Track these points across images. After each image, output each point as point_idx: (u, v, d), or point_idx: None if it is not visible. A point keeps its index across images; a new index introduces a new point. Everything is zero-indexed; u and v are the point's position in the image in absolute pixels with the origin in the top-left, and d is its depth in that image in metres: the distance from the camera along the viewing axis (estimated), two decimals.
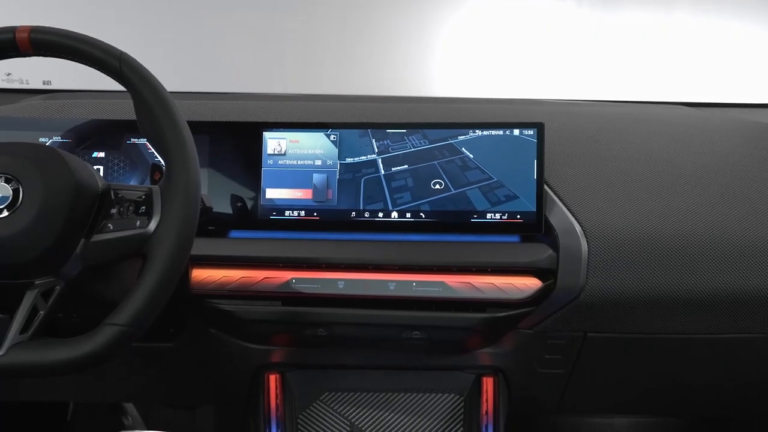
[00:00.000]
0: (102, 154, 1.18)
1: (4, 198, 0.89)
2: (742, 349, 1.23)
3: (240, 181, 1.16)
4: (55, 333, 0.92)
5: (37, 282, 0.90)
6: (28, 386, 1.37)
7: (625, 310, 1.15)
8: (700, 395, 1.38)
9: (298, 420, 1.26)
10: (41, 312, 0.90)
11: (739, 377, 1.31)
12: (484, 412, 1.22)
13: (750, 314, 1.16)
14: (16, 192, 0.89)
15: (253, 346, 1.24)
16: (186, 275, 1.13)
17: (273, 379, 1.25)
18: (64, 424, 1.81)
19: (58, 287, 0.91)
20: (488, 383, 1.25)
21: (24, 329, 0.89)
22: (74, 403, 1.83)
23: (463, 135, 1.15)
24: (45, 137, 1.17)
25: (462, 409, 1.28)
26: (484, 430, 1.21)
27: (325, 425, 1.27)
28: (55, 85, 1.47)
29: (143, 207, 0.93)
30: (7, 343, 0.88)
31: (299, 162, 1.17)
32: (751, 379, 1.31)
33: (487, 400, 1.24)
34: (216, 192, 1.16)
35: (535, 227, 1.13)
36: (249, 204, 1.16)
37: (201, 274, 1.14)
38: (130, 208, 0.93)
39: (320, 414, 1.27)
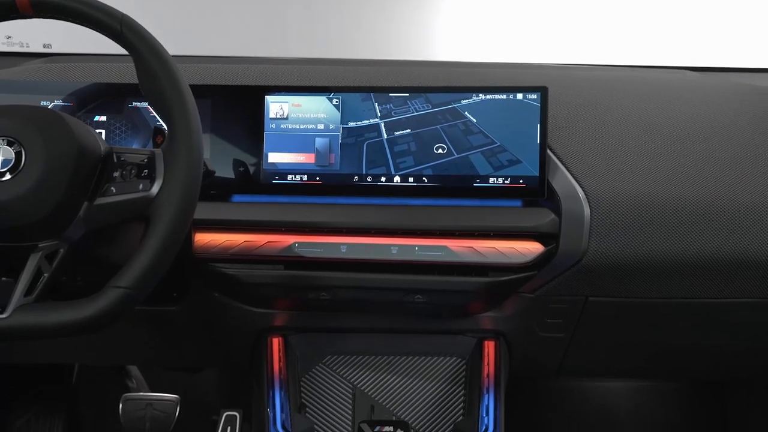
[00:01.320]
0: (104, 118, 1.17)
1: (7, 161, 0.89)
2: (741, 312, 1.24)
3: (242, 145, 1.16)
4: (59, 297, 0.92)
5: (40, 245, 0.91)
6: (32, 349, 1.39)
7: (627, 275, 1.15)
8: (700, 359, 1.39)
9: (301, 382, 1.28)
10: (45, 274, 0.91)
11: (738, 341, 1.32)
12: (485, 375, 1.24)
13: (749, 278, 1.17)
14: (18, 155, 0.89)
15: (256, 309, 1.25)
16: (189, 239, 1.14)
17: (276, 342, 1.26)
18: (69, 386, 1.83)
19: (62, 250, 0.92)
20: (490, 347, 1.26)
21: (28, 291, 0.90)
22: (79, 366, 1.85)
23: (466, 99, 1.15)
24: (46, 101, 1.17)
25: (463, 372, 1.29)
26: (485, 392, 1.22)
27: (327, 388, 1.28)
28: (55, 49, 1.45)
29: (146, 170, 0.93)
30: (12, 305, 0.89)
31: (301, 126, 1.16)
32: (749, 342, 1.32)
33: (488, 364, 1.25)
34: (218, 156, 1.16)
35: (537, 192, 1.13)
36: (251, 168, 1.16)
37: (204, 238, 1.14)
38: (133, 171, 0.93)
39: (323, 377, 1.29)
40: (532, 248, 1.13)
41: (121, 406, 1.61)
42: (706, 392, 1.85)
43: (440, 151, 1.15)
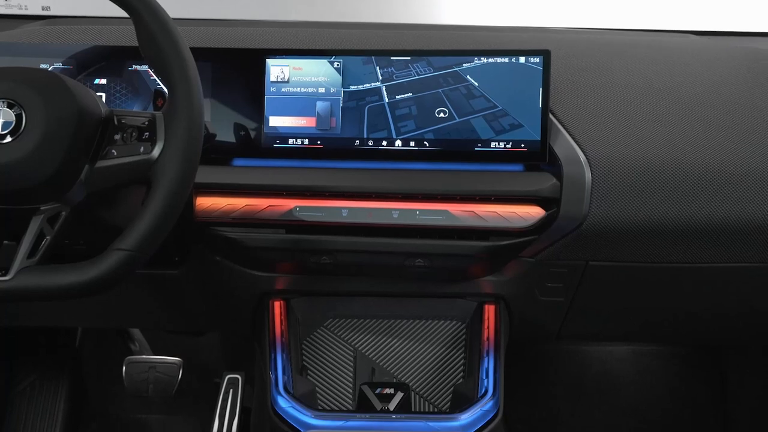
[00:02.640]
0: (104, 81, 1.17)
1: (7, 123, 0.89)
2: (741, 277, 1.24)
3: (243, 108, 1.16)
4: (62, 261, 0.93)
5: (42, 208, 0.91)
6: (35, 312, 1.40)
7: (627, 239, 1.15)
8: (699, 324, 1.40)
9: (303, 345, 1.29)
10: (48, 237, 0.92)
11: (737, 305, 1.33)
12: (485, 339, 1.24)
13: (750, 243, 1.17)
14: (18, 117, 0.89)
15: (258, 273, 1.25)
16: (190, 203, 1.14)
17: (277, 306, 1.27)
18: (73, 350, 1.85)
19: (63, 213, 0.92)
20: (490, 311, 1.27)
21: (31, 254, 0.91)
22: (82, 329, 1.87)
23: (468, 63, 1.14)
24: (46, 63, 1.16)
25: (464, 336, 1.30)
26: (485, 355, 1.23)
27: (329, 350, 1.29)
28: (54, 11, 1.44)
29: (147, 133, 0.93)
30: (15, 268, 0.89)
31: (302, 90, 1.16)
32: (748, 307, 1.33)
33: (488, 327, 1.26)
34: (219, 120, 1.15)
35: (539, 156, 1.13)
36: (252, 132, 1.16)
37: (205, 202, 1.14)
38: (134, 134, 0.93)
39: (324, 340, 1.30)
40: (533, 212, 1.13)
41: (124, 368, 1.63)
42: (704, 356, 1.86)
43: (442, 115, 1.14)
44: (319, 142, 1.15)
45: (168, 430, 1.84)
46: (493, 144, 1.14)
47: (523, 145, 1.13)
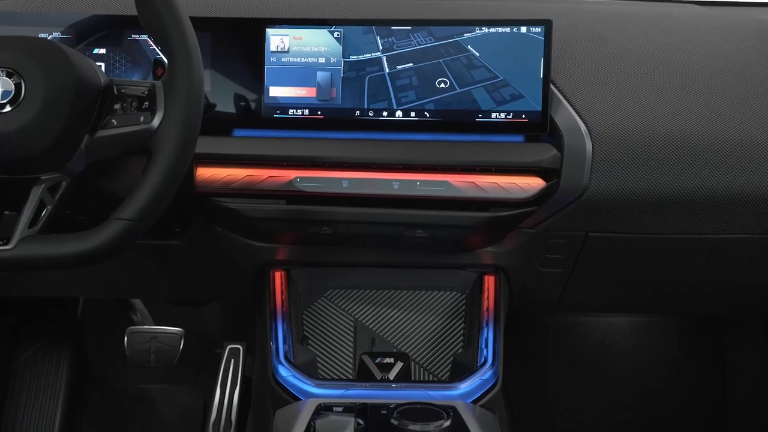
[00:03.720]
0: (103, 51, 1.16)
1: (7, 92, 0.89)
2: (741, 249, 1.24)
3: (243, 79, 1.15)
4: (63, 231, 0.93)
5: (43, 177, 0.92)
6: (37, 282, 1.40)
7: (627, 210, 1.16)
8: (698, 295, 1.41)
9: (303, 315, 1.29)
10: (48, 207, 0.92)
11: (737, 276, 1.33)
12: (485, 309, 1.25)
13: (751, 214, 1.17)
14: (18, 86, 0.89)
15: (258, 243, 1.25)
16: (190, 174, 1.14)
17: (278, 276, 1.27)
18: (75, 320, 1.86)
19: (64, 183, 0.92)
20: (489, 281, 1.27)
21: (32, 224, 0.91)
22: (84, 300, 1.88)
23: (469, 32, 1.13)
24: (45, 33, 1.15)
25: (463, 306, 1.30)
26: (484, 326, 1.24)
27: (329, 321, 1.30)
28: None
29: (146, 102, 0.92)
30: (16, 237, 0.90)
31: (303, 60, 1.15)
32: (748, 278, 1.33)
33: (488, 298, 1.26)
34: (219, 90, 1.15)
35: (539, 127, 1.13)
36: (252, 103, 1.15)
37: (205, 173, 1.14)
38: (133, 103, 0.93)
39: (325, 310, 1.30)
40: (533, 183, 1.13)
41: (126, 338, 1.64)
42: (703, 328, 1.87)
43: (442, 85, 1.14)
44: (319, 113, 1.15)
45: (170, 400, 1.85)
46: (493, 114, 1.13)
47: (523, 116, 1.13)
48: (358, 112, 1.14)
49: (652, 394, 1.83)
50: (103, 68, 1.15)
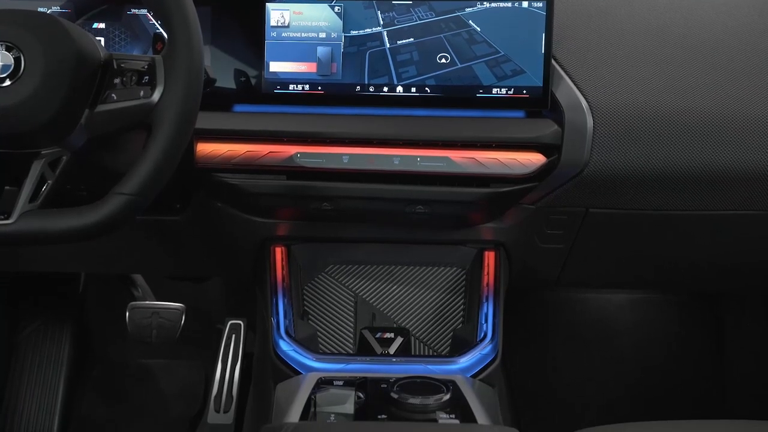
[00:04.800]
0: (102, 25, 1.16)
1: (6, 66, 0.89)
2: (740, 225, 1.24)
3: (243, 54, 1.15)
4: (63, 206, 0.93)
5: (43, 152, 0.92)
6: (38, 257, 1.41)
7: (628, 186, 1.16)
8: (697, 271, 1.41)
9: (304, 291, 1.30)
10: (49, 182, 0.92)
11: (736, 253, 1.33)
12: (485, 285, 1.25)
13: (751, 190, 1.17)
14: (17, 60, 0.89)
15: (259, 219, 1.26)
16: (191, 149, 1.14)
17: (279, 252, 1.28)
18: (76, 295, 1.87)
19: (64, 157, 0.92)
20: (490, 257, 1.28)
21: (33, 198, 0.91)
22: (85, 275, 1.88)
23: (470, 7, 1.13)
24: (44, 7, 1.15)
25: (463, 282, 1.31)
26: (484, 301, 1.24)
27: (329, 296, 1.30)
28: None
29: (146, 77, 0.92)
30: (17, 211, 0.90)
31: (303, 35, 1.15)
32: (747, 254, 1.33)
33: (488, 273, 1.27)
34: (219, 65, 1.14)
35: (540, 102, 1.13)
36: (252, 78, 1.15)
37: (206, 148, 1.14)
38: (133, 78, 0.93)
39: (325, 285, 1.31)
40: (534, 159, 1.13)
41: (127, 314, 1.65)
42: (702, 304, 1.88)
43: (443, 60, 1.13)
44: (319, 88, 1.14)
45: (171, 375, 1.87)
46: (494, 90, 1.13)
47: (524, 92, 1.13)
48: (358, 87, 1.14)
49: (652, 370, 1.84)
50: (102, 43, 1.14)
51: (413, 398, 1.02)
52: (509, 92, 1.13)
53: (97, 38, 1.13)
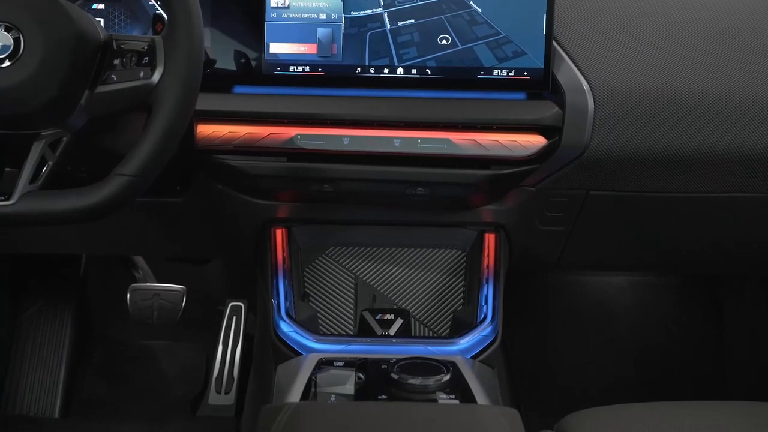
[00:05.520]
0: (102, 6, 1.15)
1: (5, 47, 0.88)
2: (741, 207, 1.25)
3: (243, 35, 1.14)
4: (64, 188, 0.93)
5: (43, 133, 0.91)
6: (39, 239, 1.41)
7: (628, 168, 1.15)
8: (698, 254, 1.41)
9: (305, 272, 1.30)
10: (49, 163, 0.92)
11: (736, 235, 1.34)
12: (485, 267, 1.26)
13: (752, 173, 1.17)
14: (17, 41, 0.88)
15: (260, 201, 1.26)
16: (191, 131, 1.13)
17: (279, 234, 1.28)
18: (78, 277, 1.87)
19: (65, 138, 0.92)
20: (490, 239, 1.28)
21: (33, 180, 0.91)
22: (86, 257, 1.89)
23: None
24: None
25: (464, 264, 1.31)
26: (484, 283, 1.24)
27: (330, 277, 1.31)
28: None
29: (146, 58, 0.92)
30: (18, 192, 0.90)
31: (303, 16, 1.14)
32: (746, 237, 1.34)
33: (488, 255, 1.27)
34: (219, 46, 1.14)
35: (541, 84, 1.12)
36: (253, 59, 1.15)
37: (206, 130, 1.14)
38: (133, 59, 0.92)
39: (326, 267, 1.31)
40: (534, 141, 1.13)
41: (128, 295, 1.65)
42: (701, 287, 1.88)
43: (444, 42, 1.13)
44: (320, 70, 1.14)
45: (172, 356, 1.88)
46: (495, 72, 1.13)
47: (525, 73, 1.12)
48: (359, 68, 1.14)
49: (651, 352, 1.85)
50: (102, 23, 1.14)
51: (413, 379, 1.02)
52: (510, 74, 1.13)
53: (97, 19, 1.13)
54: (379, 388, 1.04)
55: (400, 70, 1.13)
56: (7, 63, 0.88)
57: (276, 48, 1.14)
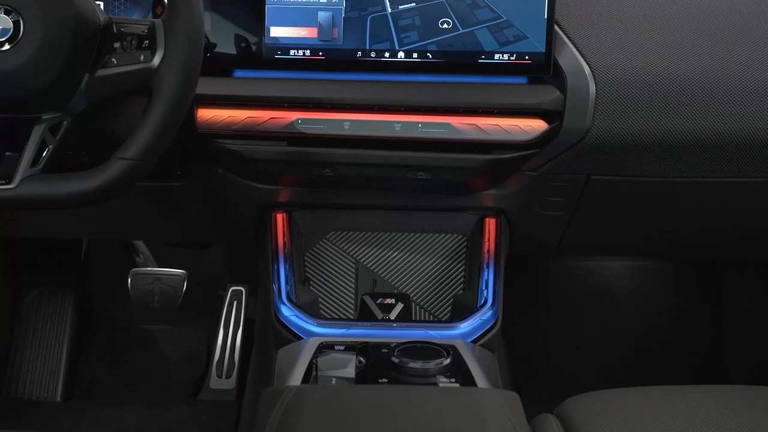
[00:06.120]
0: None
1: (5, 30, 0.88)
2: (742, 192, 1.24)
3: (243, 18, 1.14)
4: (64, 172, 0.93)
5: (44, 117, 0.92)
6: (39, 224, 1.41)
7: (629, 153, 1.15)
8: (700, 238, 1.41)
9: (305, 257, 1.30)
10: (50, 146, 0.92)
11: (739, 221, 1.34)
12: (485, 251, 1.26)
13: (754, 157, 1.17)
14: (16, 24, 0.88)
15: (260, 185, 1.26)
16: (191, 115, 1.13)
17: (280, 218, 1.28)
18: (78, 262, 1.87)
19: (65, 122, 0.93)
20: (491, 224, 1.28)
21: (34, 163, 0.91)
22: (87, 242, 1.89)
23: None
24: None
25: (464, 248, 1.31)
26: (485, 267, 1.25)
27: (331, 262, 1.31)
28: None
29: (146, 41, 0.92)
30: (18, 176, 0.90)
31: None
32: (747, 222, 1.34)
33: (489, 240, 1.27)
34: (219, 30, 1.13)
35: (543, 68, 1.12)
36: (253, 43, 1.14)
37: (206, 114, 1.14)
38: (133, 42, 0.92)
39: (326, 251, 1.31)
40: (535, 126, 1.12)
41: (129, 280, 1.66)
42: (701, 271, 1.88)
43: (445, 26, 1.12)
44: (320, 54, 1.14)
45: (173, 341, 1.88)
46: (496, 56, 1.12)
47: (527, 57, 1.12)
48: (359, 52, 1.13)
49: (650, 336, 1.85)
50: (101, 7, 1.13)
51: (414, 363, 1.03)
52: (511, 58, 1.12)
53: (96, 2, 1.12)
54: (379, 371, 1.04)
55: (401, 54, 1.13)
56: (6, 46, 0.88)
57: (276, 32, 1.14)
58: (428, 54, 1.13)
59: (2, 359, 1.73)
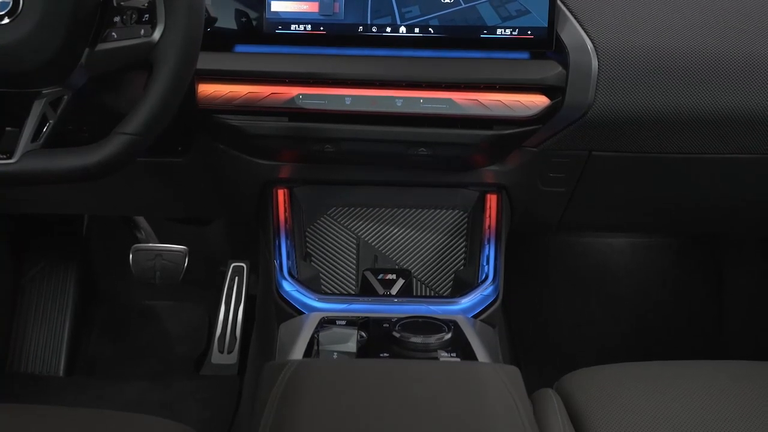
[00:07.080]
0: None
1: (5, 4, 0.88)
2: (744, 168, 1.24)
3: None
4: (65, 147, 0.93)
5: (44, 91, 0.91)
6: (41, 199, 1.41)
7: (632, 129, 1.15)
8: (701, 213, 1.41)
9: (306, 233, 1.31)
10: (51, 121, 0.92)
11: (738, 196, 1.34)
12: (486, 227, 1.26)
13: (756, 133, 1.17)
14: None
15: (261, 161, 1.26)
16: (192, 90, 1.13)
17: (281, 194, 1.28)
18: (80, 237, 1.88)
19: (65, 97, 0.92)
20: (492, 200, 1.28)
21: (34, 138, 0.91)
22: (88, 217, 1.89)
23: None
24: None
25: (465, 224, 1.31)
26: (486, 243, 1.25)
27: (332, 238, 1.31)
28: None
29: (147, 15, 0.91)
30: (19, 151, 0.90)
31: None
32: (748, 197, 1.34)
33: (490, 216, 1.27)
34: (220, 5, 1.12)
35: (545, 43, 1.11)
36: (254, 18, 1.13)
37: (207, 89, 1.13)
38: (134, 16, 0.92)
39: (328, 227, 1.31)
40: (537, 101, 1.12)
41: (131, 256, 1.67)
42: (702, 248, 1.89)
43: (447, 0, 1.12)
44: (321, 28, 1.13)
45: (175, 316, 1.89)
46: (498, 31, 1.12)
47: (529, 32, 1.11)
48: (361, 27, 1.13)
49: (651, 312, 1.86)
50: None
51: (415, 337, 1.03)
52: (513, 33, 1.11)
53: None
54: (380, 346, 1.05)
55: (402, 29, 1.12)
56: (6, 20, 0.87)
57: (277, 6, 1.13)
58: (430, 29, 1.12)
59: (5, 335, 1.74)
